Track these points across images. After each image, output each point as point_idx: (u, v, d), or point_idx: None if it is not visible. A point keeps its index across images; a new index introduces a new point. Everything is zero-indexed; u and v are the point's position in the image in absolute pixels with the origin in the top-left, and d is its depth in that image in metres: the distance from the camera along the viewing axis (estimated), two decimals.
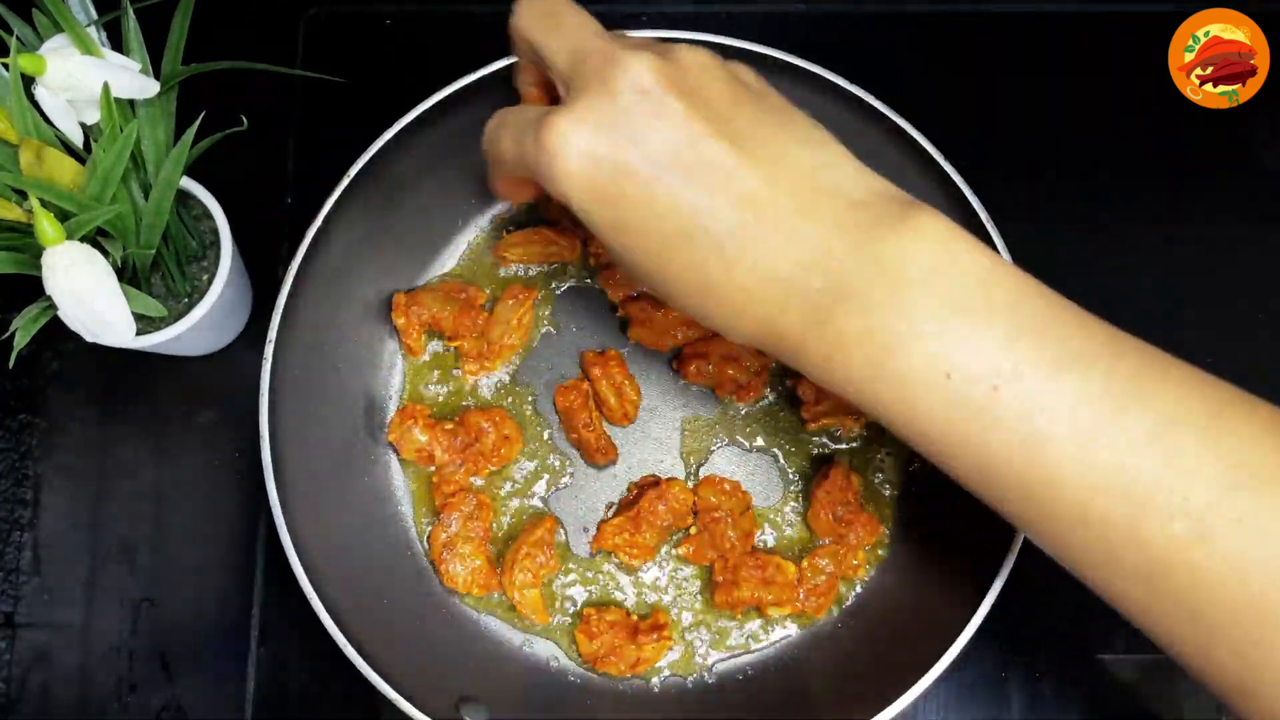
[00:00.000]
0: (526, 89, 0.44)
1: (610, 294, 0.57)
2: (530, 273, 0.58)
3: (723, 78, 0.36)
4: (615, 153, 0.34)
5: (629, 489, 0.55)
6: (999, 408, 0.32)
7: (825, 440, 0.56)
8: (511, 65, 0.45)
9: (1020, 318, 0.32)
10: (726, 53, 0.52)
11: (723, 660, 0.53)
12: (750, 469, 0.55)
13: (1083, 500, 0.31)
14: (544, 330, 0.57)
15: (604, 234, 0.36)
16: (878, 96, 0.51)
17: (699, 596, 0.54)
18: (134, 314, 0.45)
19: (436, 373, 0.56)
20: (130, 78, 0.43)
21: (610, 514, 0.55)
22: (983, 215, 0.51)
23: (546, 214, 0.58)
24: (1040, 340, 0.32)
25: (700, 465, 0.55)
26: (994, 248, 0.50)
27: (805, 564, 0.52)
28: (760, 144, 0.34)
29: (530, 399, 0.56)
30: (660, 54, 0.35)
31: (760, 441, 0.56)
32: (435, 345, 0.56)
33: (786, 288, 0.34)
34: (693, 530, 0.54)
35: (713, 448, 0.56)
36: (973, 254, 0.33)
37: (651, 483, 0.54)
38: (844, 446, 0.55)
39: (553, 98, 0.42)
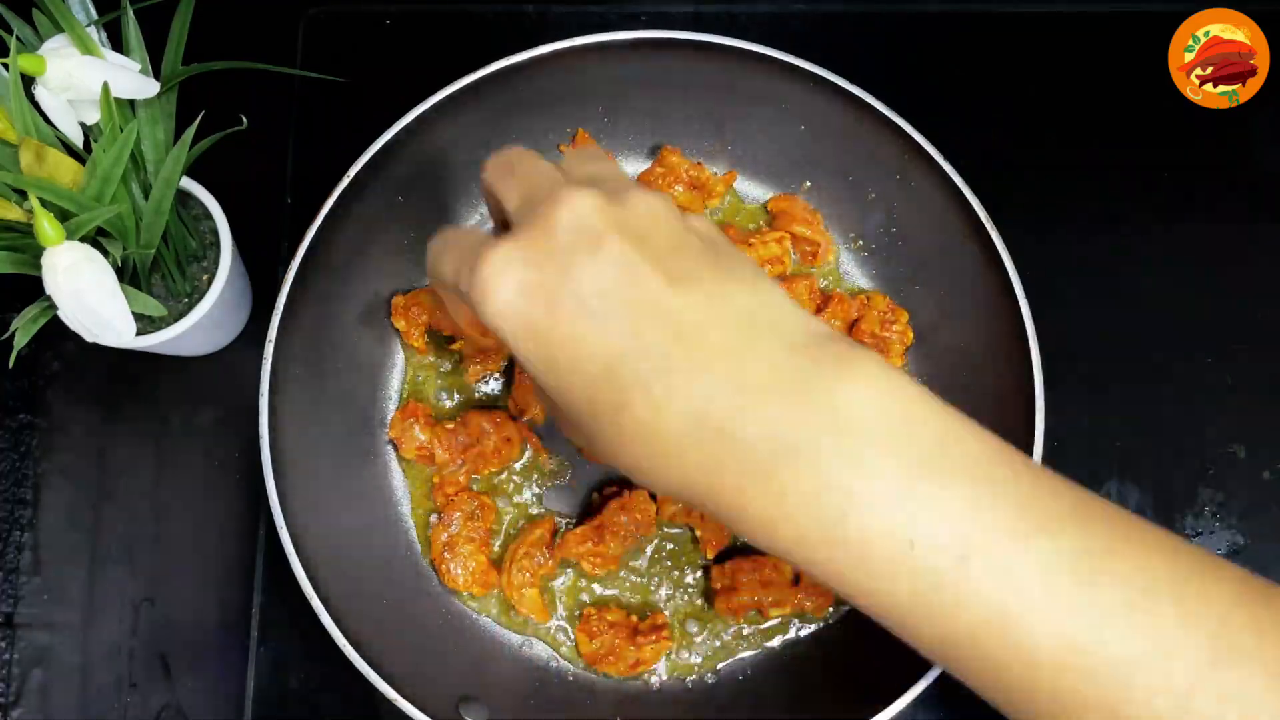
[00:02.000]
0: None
1: None
2: None
3: (670, 222, 0.34)
4: (546, 286, 0.32)
5: (592, 497, 0.55)
6: (968, 581, 0.30)
7: None
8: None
9: (981, 478, 0.30)
10: (726, 53, 0.52)
11: (723, 660, 0.53)
12: None
13: (1059, 677, 0.30)
14: None
15: (535, 371, 0.34)
16: (878, 96, 0.51)
17: (698, 597, 0.54)
18: (134, 314, 0.45)
19: (437, 373, 0.56)
20: (130, 78, 0.43)
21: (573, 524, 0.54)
22: (982, 215, 0.50)
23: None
24: (1005, 504, 0.30)
25: None
26: (994, 248, 0.50)
27: None
28: (696, 282, 0.33)
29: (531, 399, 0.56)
30: (610, 194, 0.33)
31: None
32: (437, 345, 0.56)
33: (719, 434, 0.31)
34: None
35: None
36: (925, 404, 0.31)
37: (614, 493, 0.54)
38: None
39: None
